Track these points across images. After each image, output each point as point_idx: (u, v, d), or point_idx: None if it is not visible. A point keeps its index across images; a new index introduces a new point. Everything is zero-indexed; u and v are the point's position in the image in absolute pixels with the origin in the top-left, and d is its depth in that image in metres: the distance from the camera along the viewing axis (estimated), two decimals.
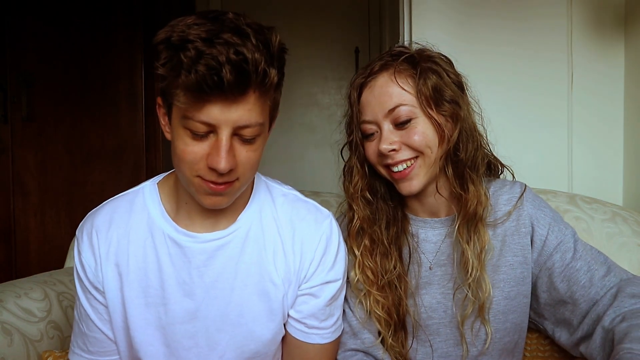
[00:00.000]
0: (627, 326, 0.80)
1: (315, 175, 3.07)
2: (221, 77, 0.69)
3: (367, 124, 0.95)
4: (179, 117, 0.75)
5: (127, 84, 2.15)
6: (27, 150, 2.16)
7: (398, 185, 0.94)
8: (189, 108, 0.73)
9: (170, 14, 2.43)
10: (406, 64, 0.93)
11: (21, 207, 2.17)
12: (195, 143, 0.76)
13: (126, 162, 2.16)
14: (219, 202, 0.81)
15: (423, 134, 0.91)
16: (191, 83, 0.70)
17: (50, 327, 1.07)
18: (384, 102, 0.92)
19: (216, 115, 0.73)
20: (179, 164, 0.79)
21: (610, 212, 1.19)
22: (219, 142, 0.75)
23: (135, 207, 0.90)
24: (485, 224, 0.94)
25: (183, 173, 0.79)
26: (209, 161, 0.75)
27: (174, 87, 0.73)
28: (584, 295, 0.90)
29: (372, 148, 0.95)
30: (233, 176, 0.78)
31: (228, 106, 0.73)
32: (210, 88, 0.70)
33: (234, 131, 0.75)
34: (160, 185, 0.92)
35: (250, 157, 0.79)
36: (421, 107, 0.92)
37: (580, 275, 0.91)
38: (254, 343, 0.89)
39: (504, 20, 1.45)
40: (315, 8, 3.12)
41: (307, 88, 3.19)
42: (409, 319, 0.97)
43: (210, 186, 0.78)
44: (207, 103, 0.72)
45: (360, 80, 0.96)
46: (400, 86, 0.92)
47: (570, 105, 1.45)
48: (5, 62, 2.13)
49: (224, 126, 0.74)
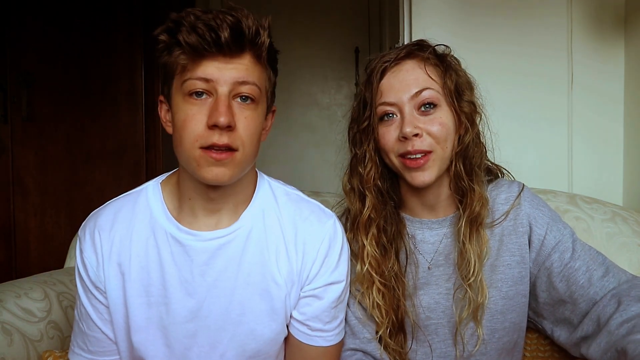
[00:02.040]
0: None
1: (315, 175, 3.07)
2: (219, 35, 0.76)
3: (387, 105, 0.92)
4: (179, 86, 0.80)
5: (127, 84, 2.15)
6: (27, 150, 2.16)
7: (411, 174, 0.92)
8: (188, 69, 0.79)
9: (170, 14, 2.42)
10: (433, 55, 0.93)
11: (21, 207, 2.17)
12: (195, 108, 0.79)
13: (126, 162, 2.16)
14: (221, 175, 0.80)
15: (445, 124, 0.91)
16: (191, 42, 0.76)
17: (50, 327, 1.07)
18: (409, 84, 0.91)
19: (213, 72, 0.78)
20: (180, 139, 0.80)
21: (610, 212, 1.19)
22: (217, 99, 0.79)
23: (138, 206, 0.90)
24: (485, 225, 0.94)
25: (184, 148, 0.80)
26: (209, 119, 0.78)
27: (174, 53, 0.79)
28: (583, 295, 0.90)
29: (389, 133, 0.92)
30: (234, 141, 0.79)
31: (225, 63, 0.79)
32: (209, 44, 0.76)
33: (232, 90, 0.79)
34: (163, 185, 0.93)
35: (249, 123, 0.81)
36: (445, 97, 0.92)
37: (579, 275, 0.91)
38: (255, 342, 0.89)
39: (503, 19, 1.45)
40: (315, 8, 3.12)
41: (307, 88, 3.19)
42: (408, 320, 0.97)
43: (212, 155, 0.79)
44: (204, 59, 0.78)
45: (383, 65, 0.93)
46: (428, 74, 0.92)
47: (570, 104, 1.45)
48: (5, 62, 2.13)
49: (222, 82, 0.79)
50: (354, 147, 0.99)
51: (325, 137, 3.10)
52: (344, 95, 3.19)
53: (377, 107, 0.93)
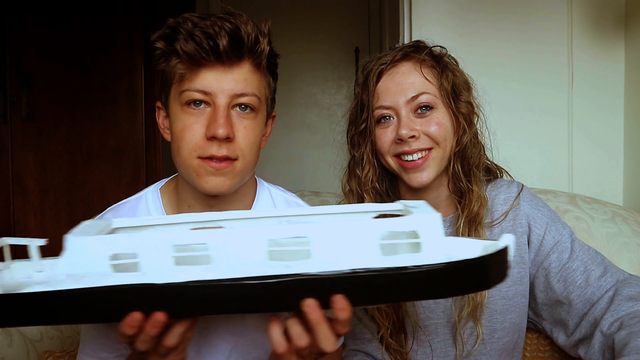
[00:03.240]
0: (626, 335, 0.79)
1: (315, 175, 3.07)
2: (217, 43, 0.74)
3: (383, 109, 0.92)
4: (177, 95, 0.78)
5: (127, 84, 2.15)
6: (27, 150, 2.16)
7: (408, 176, 0.92)
8: (186, 78, 0.77)
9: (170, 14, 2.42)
10: (429, 57, 0.93)
11: (21, 207, 2.17)
12: (193, 118, 0.78)
13: (126, 162, 2.16)
14: (220, 185, 0.79)
15: (442, 124, 0.91)
16: (188, 50, 0.74)
17: (50, 327, 1.07)
18: (406, 89, 0.91)
19: (211, 82, 0.76)
20: (178, 149, 0.79)
21: (610, 212, 1.19)
22: (216, 110, 0.77)
23: (139, 213, 0.89)
24: (483, 225, 0.94)
25: (183, 158, 0.79)
26: (207, 131, 0.77)
27: (172, 62, 0.77)
28: (580, 295, 0.90)
29: (386, 135, 0.93)
30: (233, 152, 0.78)
31: (224, 73, 0.77)
32: (207, 53, 0.74)
33: (230, 101, 0.78)
34: (162, 191, 0.91)
35: (249, 133, 0.79)
36: (442, 99, 0.92)
37: (577, 275, 0.91)
38: (257, 351, 0.89)
39: (503, 18, 1.45)
40: (315, 8, 3.12)
41: (307, 88, 3.19)
42: (408, 320, 0.97)
43: (211, 164, 0.77)
44: (202, 69, 0.76)
45: (380, 68, 0.93)
46: (424, 76, 0.92)
47: (570, 104, 1.45)
48: (5, 62, 2.13)
49: (220, 94, 0.77)
50: (352, 149, 0.99)
51: (325, 137, 3.10)
52: (344, 95, 3.19)
53: (374, 110, 0.93)
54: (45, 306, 0.59)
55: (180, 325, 0.63)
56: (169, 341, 0.64)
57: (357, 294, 0.59)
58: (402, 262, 0.58)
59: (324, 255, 0.59)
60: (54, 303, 0.58)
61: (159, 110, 0.86)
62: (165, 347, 0.64)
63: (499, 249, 0.60)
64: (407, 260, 0.58)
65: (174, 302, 0.58)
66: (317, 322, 0.60)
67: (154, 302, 0.58)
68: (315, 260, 0.59)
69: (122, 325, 0.60)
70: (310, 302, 0.58)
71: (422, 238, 0.60)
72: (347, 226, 0.60)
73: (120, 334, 0.62)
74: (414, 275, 0.57)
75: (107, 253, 0.59)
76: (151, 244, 0.59)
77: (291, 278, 0.57)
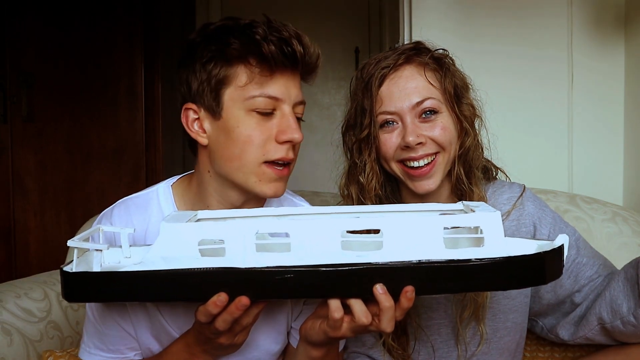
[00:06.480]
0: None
1: (315, 175, 3.06)
2: (293, 49, 0.75)
3: (387, 114, 0.91)
4: (241, 100, 0.77)
5: (127, 84, 2.15)
6: (27, 150, 2.16)
7: (414, 183, 0.91)
8: (255, 85, 0.76)
9: (170, 14, 2.43)
10: (432, 59, 0.92)
11: (21, 207, 2.17)
12: (262, 123, 0.78)
13: (126, 162, 2.16)
14: (280, 190, 0.81)
15: (447, 128, 0.90)
16: (266, 54, 0.74)
17: (50, 327, 1.07)
18: (410, 94, 0.90)
19: (281, 89, 0.77)
20: (242, 154, 0.78)
21: (610, 212, 1.20)
22: (287, 116, 0.78)
23: (151, 208, 0.87)
24: None
25: (245, 162, 0.78)
26: (282, 136, 0.78)
27: (233, 65, 0.76)
28: (590, 285, 0.93)
29: (391, 140, 0.91)
30: (295, 156, 0.81)
31: (291, 80, 0.79)
32: (284, 57, 0.75)
33: (293, 108, 0.80)
34: (175, 188, 0.90)
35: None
36: (446, 102, 0.91)
37: (587, 269, 0.93)
38: (257, 351, 0.89)
39: (503, 19, 1.45)
40: (315, 8, 3.12)
41: (307, 88, 3.17)
42: (410, 321, 0.97)
43: (276, 169, 0.79)
44: (275, 75, 0.77)
45: (382, 72, 0.92)
46: (428, 80, 0.91)
47: (570, 104, 1.45)
48: (5, 62, 2.13)
49: (287, 101, 0.78)
50: (352, 156, 0.97)
51: (325, 137, 3.09)
52: (344, 95, 3.18)
53: (377, 115, 0.91)
54: (140, 284, 0.65)
55: (257, 307, 0.68)
56: (246, 320, 0.69)
57: (422, 283, 0.64)
58: (466, 255, 0.64)
59: (395, 247, 0.64)
60: (147, 281, 0.65)
61: (187, 112, 0.82)
62: (241, 326, 0.70)
63: (555, 247, 0.66)
64: (470, 254, 0.64)
65: (255, 285, 0.64)
66: (388, 308, 0.65)
67: (237, 284, 0.64)
68: (384, 251, 0.65)
69: (207, 305, 0.65)
70: (382, 289, 0.64)
71: (485, 233, 0.65)
72: (417, 221, 0.66)
73: (201, 313, 0.67)
74: (477, 267, 0.63)
75: (197, 239, 0.65)
76: (237, 232, 0.65)
77: (363, 266, 0.63)
